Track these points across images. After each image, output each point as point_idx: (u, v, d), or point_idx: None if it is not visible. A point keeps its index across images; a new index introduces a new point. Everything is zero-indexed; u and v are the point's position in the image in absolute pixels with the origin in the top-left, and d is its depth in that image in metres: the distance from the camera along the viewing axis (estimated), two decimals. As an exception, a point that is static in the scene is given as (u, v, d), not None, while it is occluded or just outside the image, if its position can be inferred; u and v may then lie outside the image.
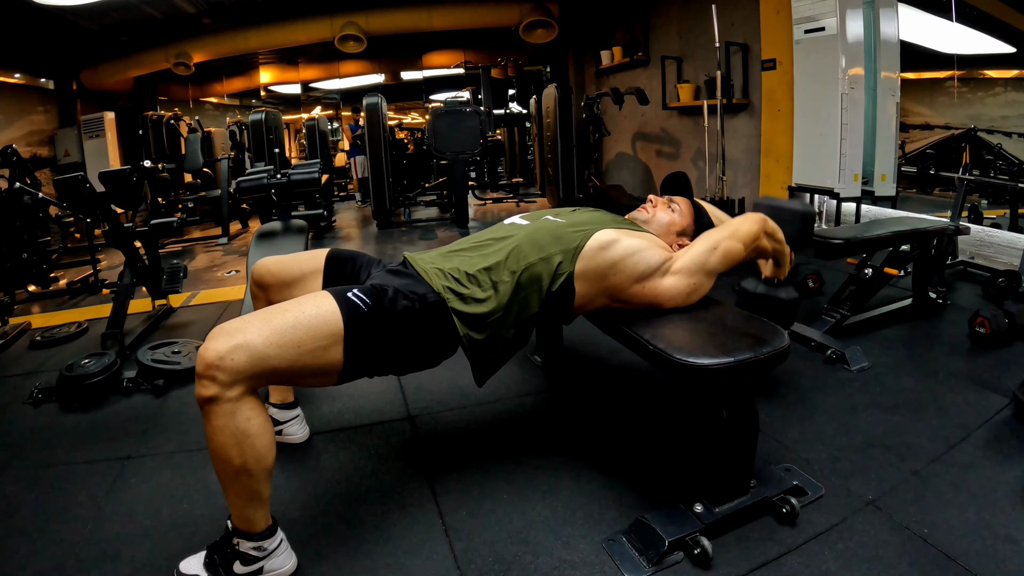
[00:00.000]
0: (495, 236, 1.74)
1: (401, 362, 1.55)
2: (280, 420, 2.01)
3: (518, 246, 1.66)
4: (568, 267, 1.64)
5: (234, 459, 1.26)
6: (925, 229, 2.92)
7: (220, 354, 1.23)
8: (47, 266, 4.28)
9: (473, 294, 1.56)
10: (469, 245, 1.74)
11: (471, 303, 1.55)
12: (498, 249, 1.66)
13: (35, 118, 8.35)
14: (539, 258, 1.63)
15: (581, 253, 1.64)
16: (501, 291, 1.58)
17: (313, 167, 3.25)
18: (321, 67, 11.54)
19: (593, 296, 1.69)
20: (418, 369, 1.61)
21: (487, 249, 1.68)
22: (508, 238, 1.70)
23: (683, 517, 1.49)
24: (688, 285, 1.66)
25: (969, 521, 1.52)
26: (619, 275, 1.65)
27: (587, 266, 1.64)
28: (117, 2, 6.96)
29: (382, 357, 1.48)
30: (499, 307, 1.57)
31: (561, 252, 1.65)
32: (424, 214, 7.69)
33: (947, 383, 2.31)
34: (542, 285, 1.63)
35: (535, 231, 1.70)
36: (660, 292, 1.66)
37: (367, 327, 1.41)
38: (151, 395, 2.49)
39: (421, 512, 1.66)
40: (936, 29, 5.39)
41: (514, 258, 1.63)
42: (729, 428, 1.47)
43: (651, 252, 1.66)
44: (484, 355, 1.61)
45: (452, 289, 1.56)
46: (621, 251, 1.65)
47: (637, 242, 1.67)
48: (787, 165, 5.51)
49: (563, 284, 1.64)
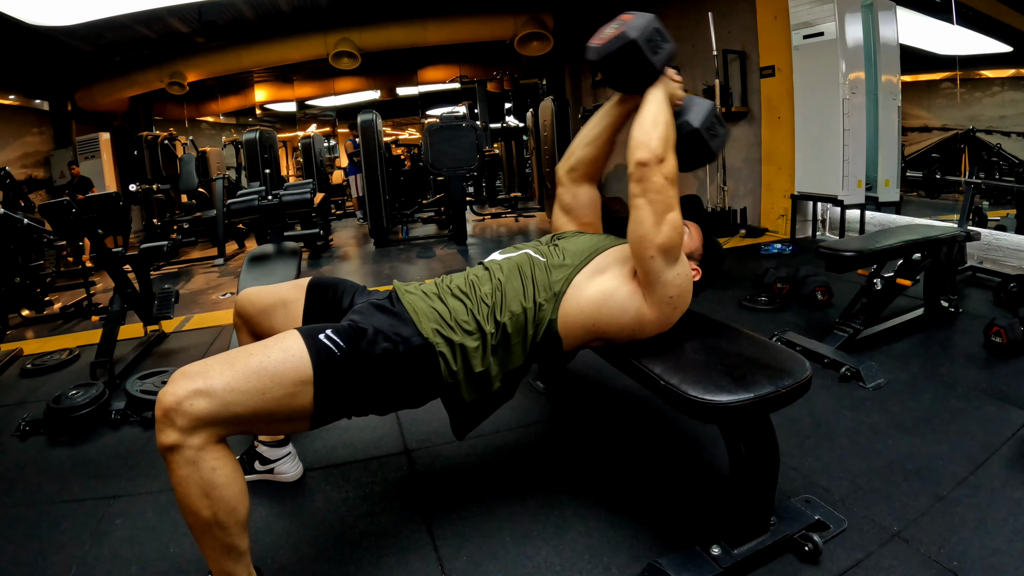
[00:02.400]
0: (483, 278, 1.64)
1: (380, 404, 1.46)
2: (270, 458, 1.92)
3: (503, 292, 1.57)
4: (550, 314, 1.55)
5: (202, 511, 1.18)
6: (936, 237, 2.86)
7: (179, 399, 1.15)
8: (41, 290, 4.23)
9: (464, 341, 1.47)
10: (460, 285, 1.62)
11: (459, 351, 1.46)
12: (486, 293, 1.57)
13: (30, 139, 8.34)
14: (522, 308, 1.54)
15: (563, 301, 1.57)
16: (488, 341, 1.49)
17: (306, 187, 3.17)
18: (316, 84, 11.57)
19: (581, 338, 1.61)
20: (400, 409, 1.53)
21: (476, 292, 1.58)
22: (492, 282, 1.61)
23: (700, 561, 1.40)
24: (664, 311, 1.57)
25: (999, 550, 1.45)
26: (599, 321, 1.58)
27: (567, 313, 1.56)
28: (111, 22, 6.94)
29: (358, 401, 1.40)
30: (486, 358, 1.49)
31: (544, 300, 1.56)
32: (422, 231, 7.65)
33: (966, 398, 2.24)
34: (526, 334, 1.54)
35: (515, 275, 1.62)
36: (645, 327, 1.59)
37: (340, 372, 1.32)
38: (140, 428, 2.42)
39: (419, 557, 1.57)
40: (933, 31, 5.36)
41: (499, 306, 1.54)
42: (748, 465, 1.38)
43: (623, 290, 1.57)
44: (467, 409, 1.54)
45: (442, 333, 1.47)
46: (598, 295, 1.57)
47: (610, 283, 1.59)
48: (789, 173, 5.46)
49: (546, 333, 1.55)
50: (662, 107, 1.57)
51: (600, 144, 1.92)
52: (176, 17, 7.43)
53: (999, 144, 5.28)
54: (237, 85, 11.09)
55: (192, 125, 11.07)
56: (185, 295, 4.89)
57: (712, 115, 1.68)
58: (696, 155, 1.70)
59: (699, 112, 1.67)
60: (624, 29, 1.56)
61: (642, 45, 1.55)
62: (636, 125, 1.56)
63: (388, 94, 11.98)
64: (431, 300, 1.55)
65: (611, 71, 1.67)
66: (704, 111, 1.67)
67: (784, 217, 5.60)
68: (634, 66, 1.59)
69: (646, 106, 1.58)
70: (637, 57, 1.57)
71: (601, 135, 1.91)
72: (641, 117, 1.57)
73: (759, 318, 3.28)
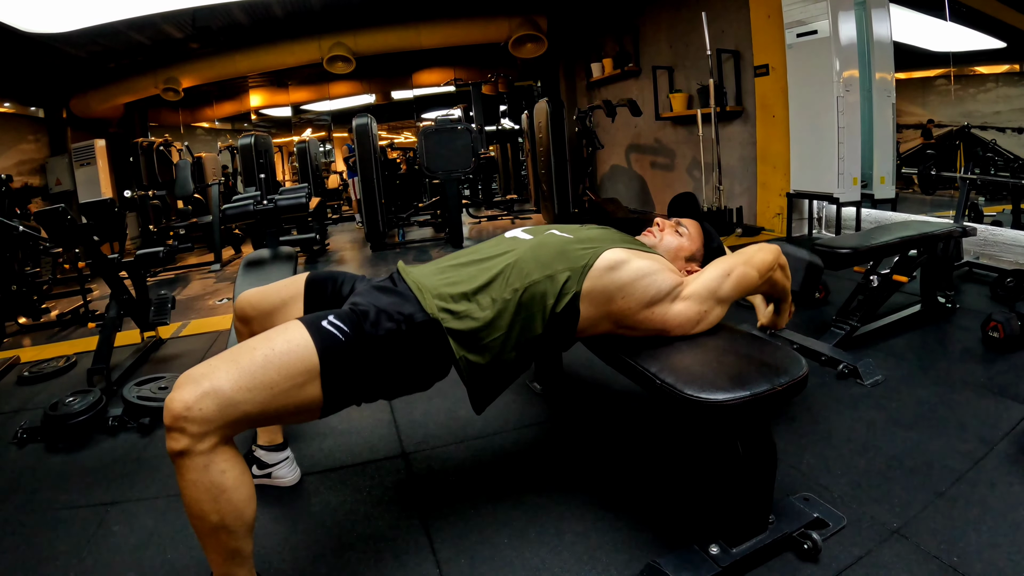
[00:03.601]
0: (495, 251, 1.63)
1: (388, 388, 1.46)
2: (269, 463, 1.91)
3: (519, 260, 1.55)
4: (575, 286, 1.52)
5: (210, 515, 1.17)
6: (932, 233, 2.85)
7: (187, 404, 1.14)
8: (38, 297, 4.21)
9: (470, 312, 1.46)
10: (468, 259, 1.63)
11: (467, 320, 1.45)
12: (498, 264, 1.56)
13: (25, 147, 8.30)
14: (544, 275, 1.52)
15: (589, 272, 1.53)
16: (501, 309, 1.47)
17: (300, 192, 3.17)
18: (311, 89, 11.55)
19: (597, 320, 1.58)
20: (408, 392, 1.52)
21: (486, 263, 1.57)
22: (509, 252, 1.59)
23: (698, 560, 1.39)
24: (698, 312, 1.57)
25: (1000, 546, 1.44)
26: (628, 299, 1.54)
27: (594, 286, 1.53)
28: (105, 29, 6.89)
29: (366, 385, 1.39)
30: (500, 327, 1.47)
31: (568, 269, 1.53)
32: (418, 234, 7.63)
33: (964, 393, 2.24)
34: (546, 304, 1.51)
35: (538, 246, 1.60)
36: (669, 319, 1.56)
37: (346, 358, 1.31)
38: (137, 434, 2.41)
39: (417, 561, 1.56)
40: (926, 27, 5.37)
41: (516, 274, 1.52)
42: (746, 463, 1.37)
43: (662, 276, 1.56)
44: (483, 380, 1.51)
45: (446, 308, 1.45)
46: (631, 273, 1.54)
47: (648, 264, 1.56)
48: (784, 172, 5.46)
49: (568, 304, 1.52)
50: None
51: None
52: (170, 23, 7.41)
53: (994, 140, 5.29)
54: (232, 90, 11.06)
55: (187, 131, 11.03)
56: (181, 301, 4.86)
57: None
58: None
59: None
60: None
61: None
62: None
63: (383, 98, 11.96)
64: (437, 276, 1.55)
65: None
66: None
67: (780, 215, 5.60)
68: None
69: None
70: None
71: None
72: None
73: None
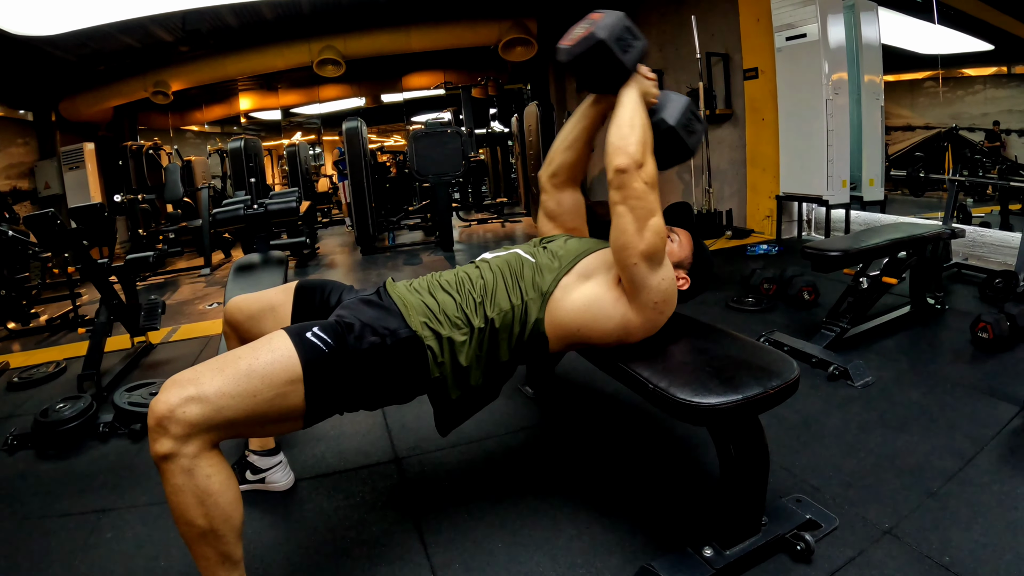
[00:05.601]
0: (473, 275, 1.64)
1: (370, 400, 1.46)
2: (262, 468, 1.90)
3: (494, 288, 1.56)
4: (537, 314, 1.54)
5: (198, 520, 1.18)
6: (921, 235, 2.88)
7: (172, 407, 1.15)
8: (27, 302, 4.18)
9: (451, 335, 1.47)
10: (450, 280, 1.63)
11: (447, 344, 1.46)
12: (476, 289, 1.57)
13: (14, 150, 8.23)
14: (511, 304, 1.54)
15: (550, 301, 1.55)
16: (475, 336, 1.49)
17: (291, 196, 3.15)
18: (301, 92, 11.52)
19: (567, 340, 1.60)
20: (389, 404, 1.52)
21: (465, 287, 1.58)
22: (484, 278, 1.60)
23: (692, 563, 1.40)
24: (649, 316, 1.56)
25: (991, 544, 1.45)
26: (584, 326, 1.56)
27: (554, 314, 1.55)
28: (94, 32, 6.84)
29: (348, 397, 1.40)
30: (473, 351, 1.48)
31: (531, 299, 1.55)
32: (408, 238, 7.62)
33: (954, 393, 2.26)
34: (512, 332, 1.53)
35: (508, 273, 1.61)
36: (632, 332, 1.57)
37: (328, 369, 1.32)
38: (128, 440, 2.39)
39: (411, 566, 1.55)
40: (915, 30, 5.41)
41: (490, 301, 1.53)
42: (738, 466, 1.38)
43: (607, 297, 1.56)
44: (452, 405, 1.53)
45: (430, 326, 1.46)
46: (583, 301, 1.56)
47: (594, 290, 1.57)
48: (774, 174, 5.49)
49: (532, 332, 1.54)
50: (637, 108, 1.56)
51: (579, 147, 1.90)
52: (160, 26, 7.37)
53: (982, 142, 5.34)
54: (221, 94, 11.01)
55: (177, 134, 10.98)
56: (172, 306, 4.84)
57: (688, 111, 1.66)
58: (673, 153, 1.68)
59: (675, 109, 1.64)
60: (593, 29, 1.53)
61: (611, 44, 1.52)
62: (612, 129, 1.54)
63: (373, 101, 11.94)
64: (421, 294, 1.55)
65: (582, 72, 1.64)
66: (680, 108, 1.65)
67: (770, 218, 5.63)
68: (605, 66, 1.57)
69: (621, 108, 1.57)
70: (607, 57, 1.54)
71: (579, 138, 1.88)
72: (617, 120, 1.55)
73: (746, 319, 3.29)
